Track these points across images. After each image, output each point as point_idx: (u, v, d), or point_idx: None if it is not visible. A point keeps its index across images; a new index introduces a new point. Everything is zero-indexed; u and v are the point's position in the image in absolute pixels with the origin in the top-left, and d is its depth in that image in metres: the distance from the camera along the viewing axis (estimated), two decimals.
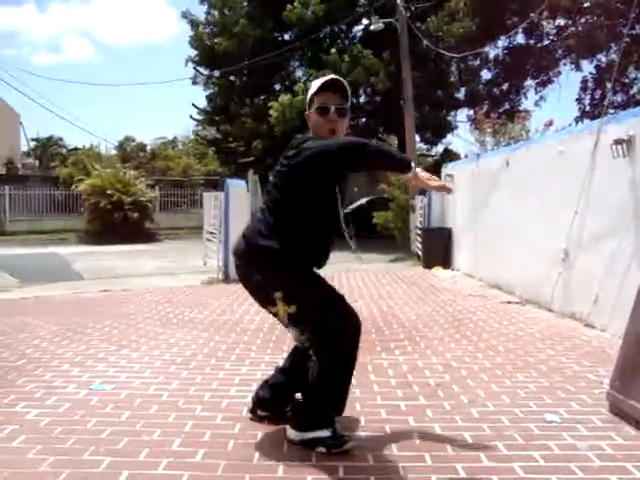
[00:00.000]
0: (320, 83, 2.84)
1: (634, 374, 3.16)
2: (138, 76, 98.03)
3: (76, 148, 35.43)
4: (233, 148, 22.86)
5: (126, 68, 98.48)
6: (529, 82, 21.02)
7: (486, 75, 21.24)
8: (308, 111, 2.91)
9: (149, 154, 39.09)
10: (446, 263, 10.61)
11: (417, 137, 18.93)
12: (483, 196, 9.01)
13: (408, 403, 3.47)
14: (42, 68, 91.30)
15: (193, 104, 23.21)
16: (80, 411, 3.27)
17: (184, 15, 21.47)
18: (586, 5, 16.94)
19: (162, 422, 3.13)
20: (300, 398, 2.98)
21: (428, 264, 10.84)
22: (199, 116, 24.01)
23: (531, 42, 19.95)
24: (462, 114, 22.89)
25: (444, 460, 2.69)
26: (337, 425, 2.81)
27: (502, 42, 19.60)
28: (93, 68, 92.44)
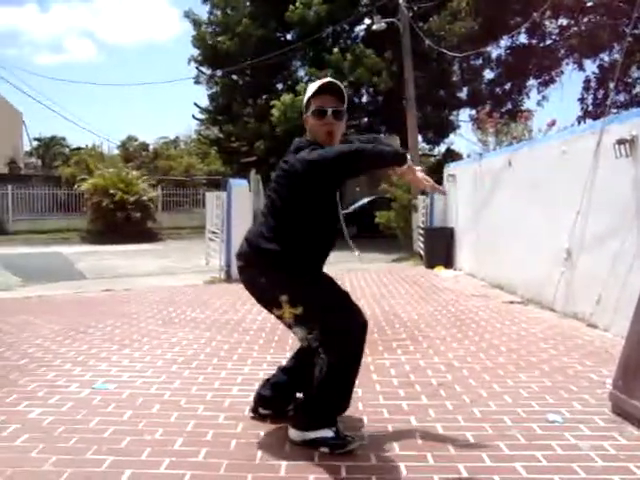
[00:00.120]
0: (316, 86, 2.84)
1: (637, 374, 3.16)
2: (140, 76, 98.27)
3: (79, 148, 35.48)
4: (235, 148, 22.84)
5: (128, 68, 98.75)
6: (531, 82, 20.96)
7: (488, 75, 21.22)
8: (305, 114, 2.91)
9: (151, 154, 39.13)
10: (448, 263, 10.62)
11: (419, 137, 18.92)
12: (485, 196, 9.01)
13: (410, 403, 3.48)
14: (44, 68, 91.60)
15: (195, 103, 23.24)
16: (82, 410, 3.28)
17: (186, 15, 21.54)
18: (589, 4, 16.90)
19: (164, 421, 3.13)
20: (302, 397, 2.98)
21: (430, 264, 10.84)
22: (201, 115, 24.03)
23: (533, 42, 19.89)
24: (464, 114, 22.83)
25: (446, 460, 2.69)
26: (340, 425, 2.82)
27: (504, 42, 19.56)
28: (95, 68, 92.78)
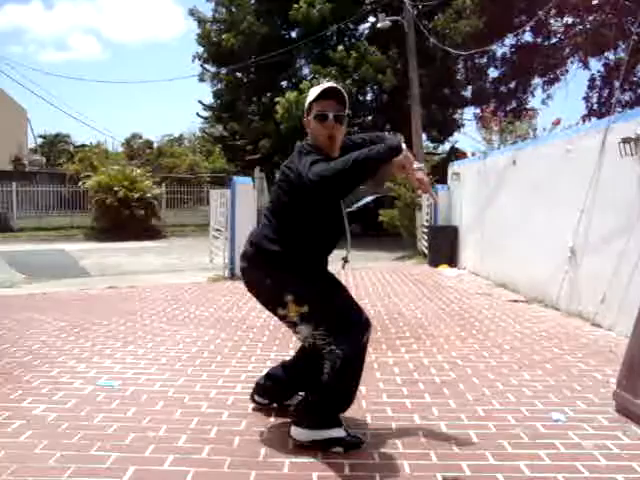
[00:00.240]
0: (318, 91, 2.83)
1: None
2: (145, 73, 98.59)
3: (83, 145, 35.63)
4: (240, 145, 22.85)
5: (133, 65, 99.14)
6: (536, 80, 20.96)
7: (493, 73, 21.23)
8: (306, 118, 2.90)
9: (156, 151, 39.21)
10: (452, 261, 10.61)
11: (424, 135, 18.91)
12: (489, 194, 9.00)
13: (414, 401, 3.48)
14: (49, 65, 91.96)
15: (199, 101, 23.28)
16: (86, 407, 3.29)
17: (191, 13, 21.53)
18: (594, 3, 16.85)
19: (168, 418, 3.14)
20: (309, 396, 2.93)
21: (434, 262, 10.84)
22: (205, 112, 24.04)
23: (539, 40, 19.86)
24: (469, 112, 22.90)
25: (450, 458, 2.69)
26: (345, 424, 2.82)
27: (509, 40, 19.58)
28: (100, 65, 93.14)
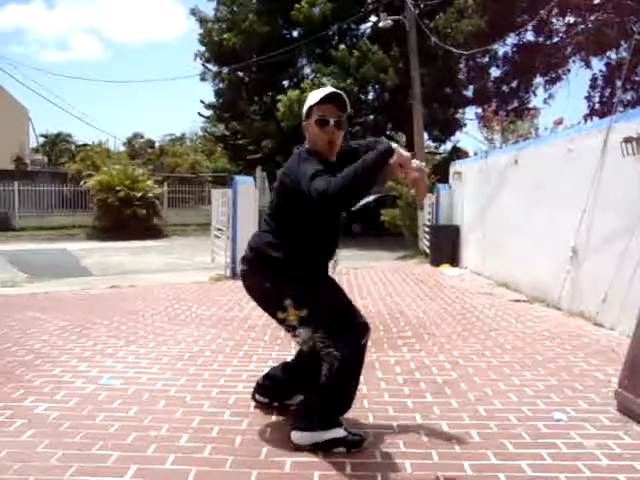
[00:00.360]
0: (319, 96, 2.80)
1: None
2: (146, 73, 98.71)
3: (85, 144, 35.58)
4: (242, 145, 22.86)
5: (134, 65, 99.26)
6: (538, 80, 20.93)
7: (495, 72, 21.20)
8: (306, 121, 2.88)
9: (157, 151, 39.24)
10: (454, 261, 10.61)
11: (425, 135, 18.89)
12: (491, 194, 8.99)
13: (415, 400, 3.48)
14: (50, 65, 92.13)
15: (201, 100, 23.28)
16: (88, 406, 3.29)
17: (192, 12, 21.54)
18: (596, 2, 16.83)
19: (170, 417, 3.14)
20: (308, 398, 2.93)
21: (436, 262, 10.83)
22: (206, 110, 24.00)
23: (540, 39, 19.84)
24: (470, 112, 22.87)
25: (451, 457, 2.69)
26: (346, 424, 2.82)
27: (511, 39, 19.57)
28: (101, 65, 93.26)
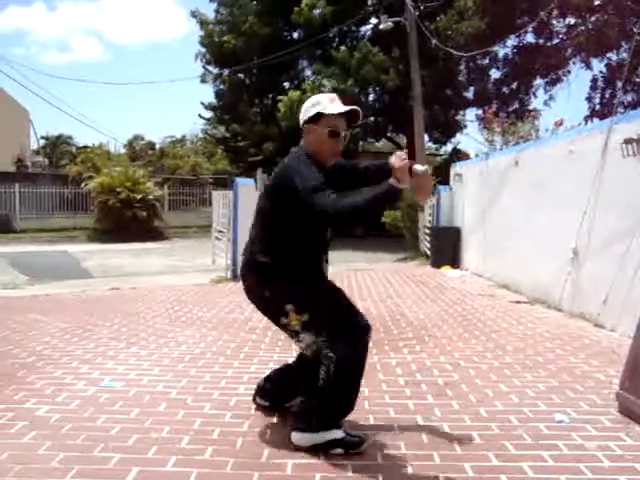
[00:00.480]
0: (341, 109, 2.79)
1: None
2: (147, 75, 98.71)
3: (85, 146, 35.54)
4: (242, 147, 22.86)
5: (135, 67, 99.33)
6: (538, 81, 20.91)
7: (495, 74, 21.16)
8: (310, 125, 2.82)
9: (158, 152, 39.28)
10: (455, 262, 10.60)
11: (426, 136, 18.89)
12: (492, 196, 8.99)
13: (416, 402, 3.48)
14: (51, 67, 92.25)
15: (201, 102, 23.28)
16: (90, 408, 3.30)
17: (193, 14, 21.56)
18: (597, 3, 16.82)
19: (171, 419, 3.14)
20: (306, 400, 2.89)
21: (437, 263, 10.83)
22: (207, 112, 24.01)
23: (541, 41, 19.82)
24: (471, 113, 22.85)
25: (452, 459, 2.69)
26: (345, 425, 2.82)
27: (511, 41, 19.50)
28: (102, 67, 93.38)
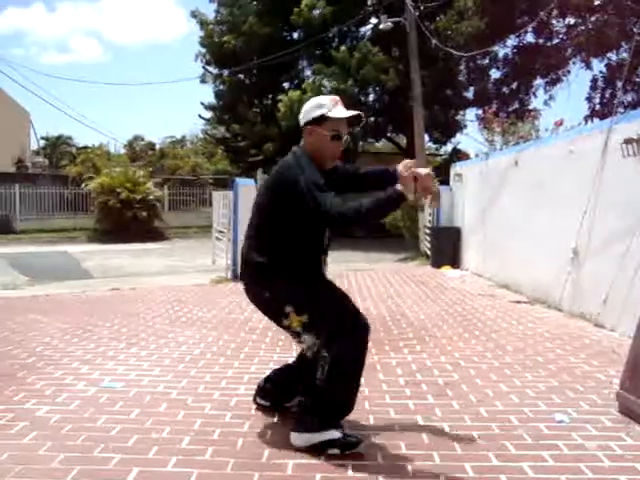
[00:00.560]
0: (347, 114, 2.83)
1: None
2: (147, 75, 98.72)
3: (85, 147, 35.56)
4: (242, 147, 22.86)
5: (135, 67, 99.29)
6: (538, 81, 20.90)
7: (495, 74, 21.15)
8: (312, 126, 2.84)
9: (158, 153, 39.29)
10: (455, 262, 10.60)
11: (426, 136, 18.88)
12: (492, 196, 8.99)
13: (417, 402, 3.48)
14: (51, 68, 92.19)
15: (201, 102, 23.29)
16: (90, 408, 3.30)
17: (193, 15, 21.56)
18: (597, 3, 16.81)
19: (171, 420, 3.14)
20: (304, 400, 2.89)
21: (437, 263, 10.83)
22: (207, 112, 24.01)
23: (540, 41, 19.81)
24: (471, 113, 22.83)
25: (453, 459, 2.69)
26: (345, 426, 2.82)
27: (511, 41, 19.48)
28: (102, 67, 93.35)
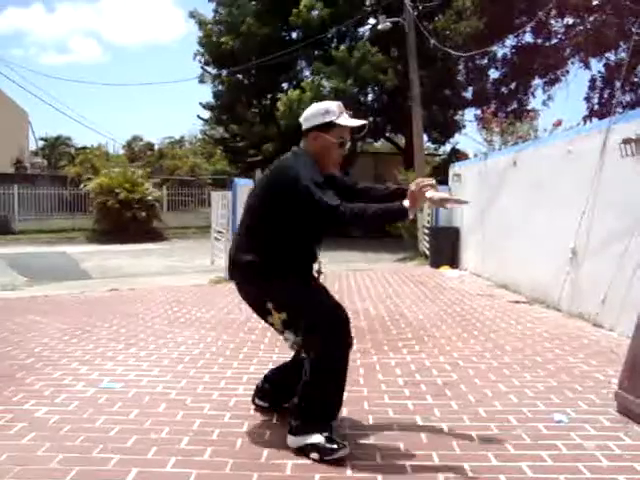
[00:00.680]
0: (355, 123, 2.89)
1: None
2: (146, 76, 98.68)
3: (84, 147, 35.54)
4: (241, 147, 22.84)
5: (133, 68, 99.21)
6: (537, 81, 20.93)
7: (494, 74, 21.19)
8: (318, 132, 2.85)
9: (157, 153, 39.27)
10: (454, 262, 10.60)
11: (425, 136, 18.89)
12: (491, 196, 8.99)
13: (416, 402, 3.48)
14: (50, 68, 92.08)
15: (200, 103, 23.27)
16: (89, 409, 3.30)
17: (192, 15, 21.54)
18: (595, 3, 16.83)
19: (170, 420, 3.14)
20: (295, 402, 2.90)
21: (436, 263, 10.83)
22: (205, 112, 23.98)
23: (539, 41, 19.84)
24: (470, 113, 22.88)
25: (451, 459, 2.69)
26: (334, 429, 2.77)
27: (510, 41, 19.52)
28: (101, 68, 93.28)
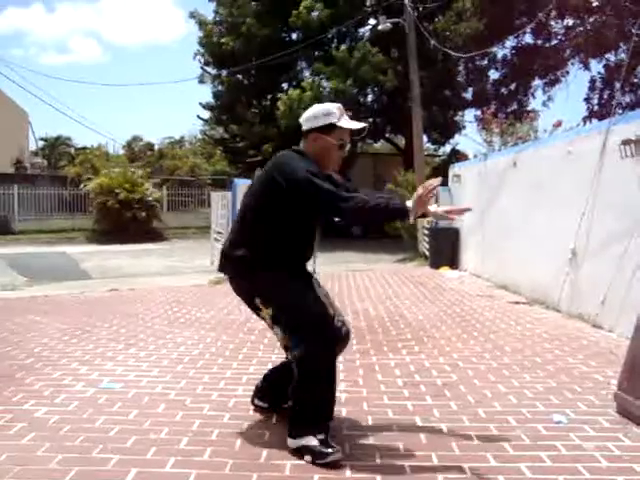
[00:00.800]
0: (356, 126, 2.91)
1: None
2: (146, 76, 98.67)
3: (84, 147, 35.55)
4: (241, 148, 22.84)
5: (134, 68, 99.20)
6: (537, 82, 20.95)
7: (494, 75, 21.21)
8: (318, 133, 2.86)
9: (157, 153, 39.28)
10: (453, 263, 10.61)
11: (425, 137, 18.90)
12: (490, 196, 8.99)
13: (415, 403, 3.48)
14: (50, 68, 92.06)
15: (200, 103, 23.26)
16: (88, 409, 3.30)
17: (192, 15, 21.54)
18: (595, 4, 16.84)
19: (170, 421, 3.14)
20: (290, 404, 2.89)
21: (435, 264, 10.84)
22: (205, 112, 23.98)
23: (539, 42, 19.86)
24: (470, 114, 22.89)
25: (451, 460, 2.69)
26: (331, 430, 2.77)
27: (510, 42, 19.52)
28: (101, 68, 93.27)
